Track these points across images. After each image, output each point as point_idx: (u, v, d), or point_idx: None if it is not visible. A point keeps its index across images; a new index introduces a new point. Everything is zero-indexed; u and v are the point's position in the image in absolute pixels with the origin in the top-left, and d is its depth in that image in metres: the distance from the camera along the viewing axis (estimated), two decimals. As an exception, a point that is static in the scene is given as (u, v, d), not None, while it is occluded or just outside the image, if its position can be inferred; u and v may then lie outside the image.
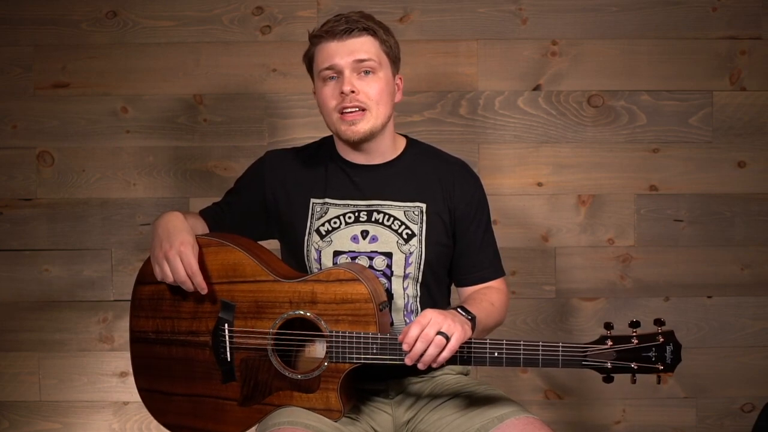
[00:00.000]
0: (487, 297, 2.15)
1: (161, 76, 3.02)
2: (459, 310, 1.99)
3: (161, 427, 2.17)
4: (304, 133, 2.95)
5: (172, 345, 2.09)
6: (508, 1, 3.01)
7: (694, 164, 3.03)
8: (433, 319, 1.88)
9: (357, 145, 2.15)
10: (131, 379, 2.21)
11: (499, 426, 1.95)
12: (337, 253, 2.13)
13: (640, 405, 3.06)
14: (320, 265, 2.13)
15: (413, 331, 1.87)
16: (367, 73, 2.10)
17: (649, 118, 3.02)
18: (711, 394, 3.06)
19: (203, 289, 2.01)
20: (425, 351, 1.87)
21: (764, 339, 3.05)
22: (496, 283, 2.24)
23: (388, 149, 2.20)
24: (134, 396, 2.24)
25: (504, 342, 1.93)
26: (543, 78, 3.02)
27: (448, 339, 1.87)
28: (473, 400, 2.07)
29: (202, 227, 2.21)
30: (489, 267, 2.24)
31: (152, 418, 2.17)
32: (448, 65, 3.02)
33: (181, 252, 2.00)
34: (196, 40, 3.02)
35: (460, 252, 2.21)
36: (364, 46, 2.09)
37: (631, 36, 3.01)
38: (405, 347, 1.88)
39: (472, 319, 1.97)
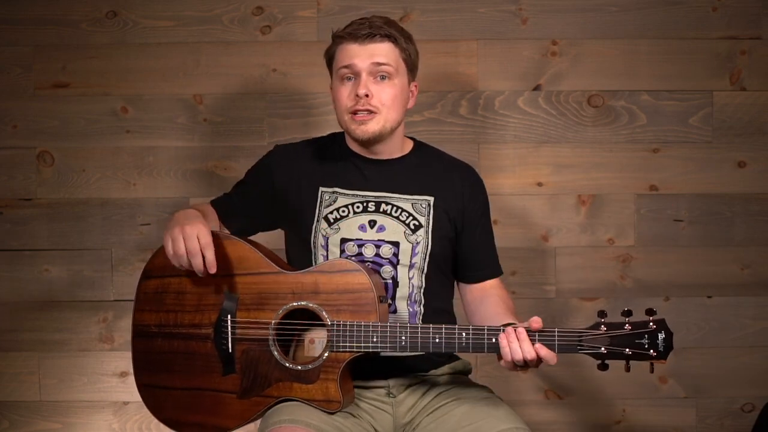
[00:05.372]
0: (510, 306, 2.23)
1: (161, 76, 3.02)
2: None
3: (161, 426, 2.16)
4: (304, 133, 2.95)
5: (174, 338, 2.10)
6: (508, 1, 3.01)
7: (694, 164, 3.03)
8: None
9: (366, 144, 2.20)
10: (131, 379, 2.21)
11: None
12: (344, 241, 2.16)
13: (640, 405, 3.05)
14: (327, 251, 2.16)
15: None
16: (383, 78, 2.15)
17: (649, 118, 3.02)
18: (711, 394, 3.06)
19: (213, 265, 2.01)
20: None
21: (764, 339, 3.05)
22: (497, 282, 2.30)
23: (396, 150, 2.26)
24: (134, 396, 2.23)
25: (501, 327, 1.96)
26: (543, 78, 3.02)
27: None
28: (472, 413, 2.06)
29: (214, 224, 2.25)
30: (492, 266, 2.31)
31: (152, 417, 2.16)
32: (448, 65, 3.02)
33: (198, 229, 2.02)
34: (196, 40, 3.02)
35: (466, 251, 2.27)
36: (383, 52, 2.14)
37: (631, 36, 3.01)
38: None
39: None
